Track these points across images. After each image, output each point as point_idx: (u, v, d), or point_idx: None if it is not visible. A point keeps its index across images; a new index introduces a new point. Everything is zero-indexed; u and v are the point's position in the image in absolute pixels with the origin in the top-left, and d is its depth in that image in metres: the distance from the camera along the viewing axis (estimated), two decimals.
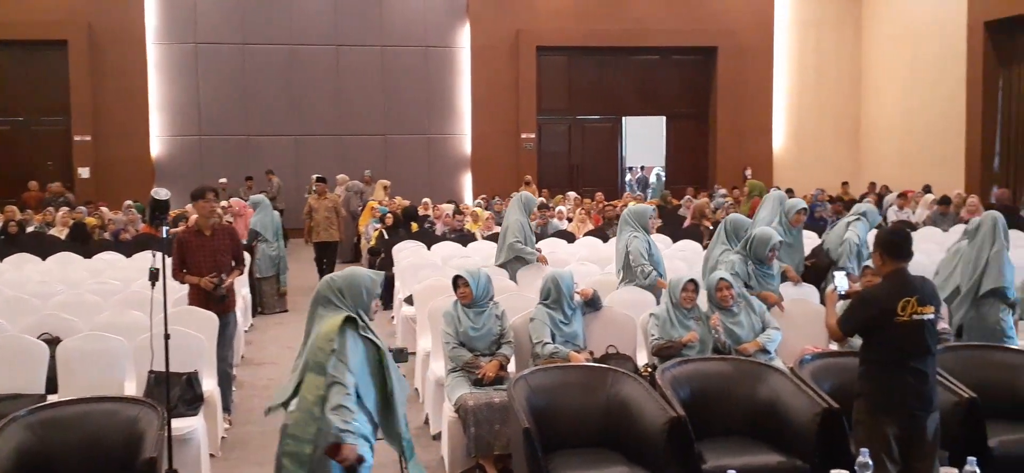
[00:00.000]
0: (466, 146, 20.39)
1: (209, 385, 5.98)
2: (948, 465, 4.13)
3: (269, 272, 11.03)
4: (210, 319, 6.33)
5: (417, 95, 19.94)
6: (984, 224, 6.44)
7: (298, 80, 19.40)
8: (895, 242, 4.35)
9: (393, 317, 9.94)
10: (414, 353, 7.13)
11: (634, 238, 7.11)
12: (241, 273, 6.95)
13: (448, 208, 13.71)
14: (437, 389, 6.07)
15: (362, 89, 19.67)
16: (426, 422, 6.44)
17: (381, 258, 11.73)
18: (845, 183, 19.14)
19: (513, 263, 8.25)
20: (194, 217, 6.85)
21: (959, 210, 12.38)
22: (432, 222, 13.35)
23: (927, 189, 15.84)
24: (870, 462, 3.49)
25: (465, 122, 20.31)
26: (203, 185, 6.87)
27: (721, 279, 5.96)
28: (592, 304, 6.05)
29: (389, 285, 10.75)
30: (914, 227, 12.01)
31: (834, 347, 5.69)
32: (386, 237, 12.09)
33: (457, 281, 5.81)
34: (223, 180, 17.65)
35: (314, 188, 13.03)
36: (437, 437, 6.07)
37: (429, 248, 10.43)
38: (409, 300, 8.35)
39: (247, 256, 10.16)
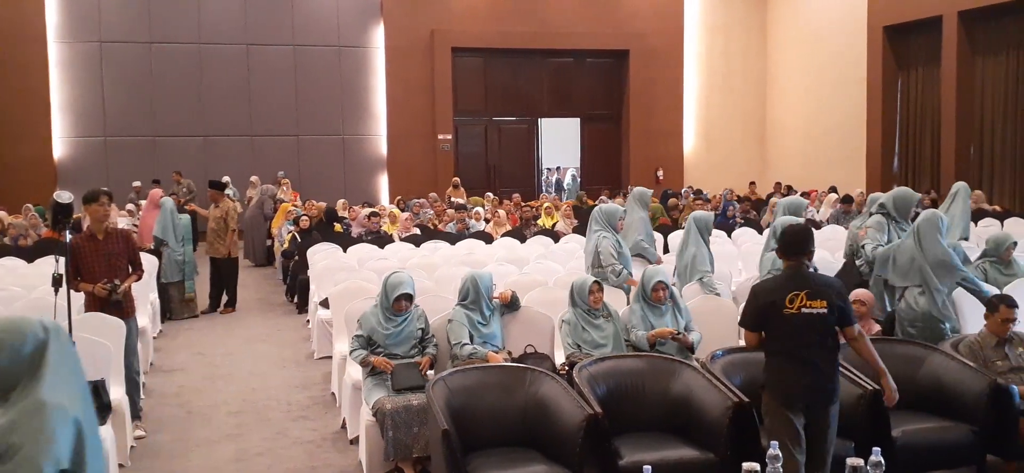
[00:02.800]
0: (382, 147, 20.24)
1: (117, 393, 5.80)
2: (854, 455, 4.27)
3: (174, 277, 10.71)
4: (117, 325, 6.13)
5: (331, 95, 19.71)
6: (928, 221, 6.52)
7: (207, 80, 18.96)
8: (788, 240, 4.49)
9: (308, 321, 9.81)
10: None
11: (603, 238, 7.29)
12: (139, 277, 6.72)
13: (364, 210, 13.58)
14: (354, 393, 6.01)
15: (274, 89, 19.34)
16: (343, 426, 6.37)
17: (295, 261, 11.56)
18: (752, 183, 19.69)
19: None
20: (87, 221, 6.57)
21: (861, 208, 12.84)
22: (348, 224, 13.22)
23: (833, 190, 16.41)
24: (780, 454, 3.60)
25: (380, 123, 20.16)
26: (95, 188, 6.62)
27: (658, 281, 6.04)
28: (511, 305, 6.09)
29: (304, 288, 10.62)
30: (818, 226, 12.42)
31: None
32: (299, 240, 11.92)
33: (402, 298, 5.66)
34: (137, 183, 17.15)
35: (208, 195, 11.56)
36: (354, 442, 6.01)
37: (345, 250, 10.32)
38: (325, 303, 8.25)
39: (154, 260, 9.92)
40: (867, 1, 18.49)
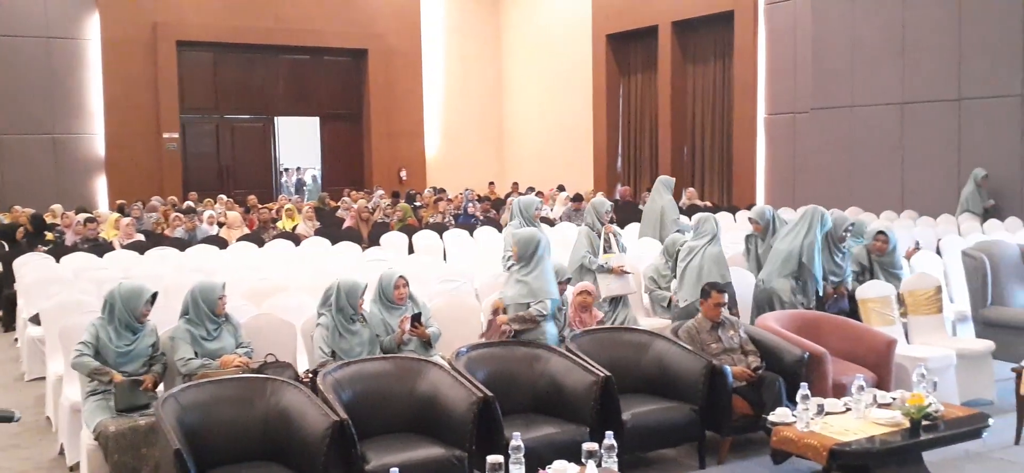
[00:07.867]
0: (99, 147, 18.66)
1: None
2: (588, 440, 4.48)
3: None
4: None
5: (38, 91, 17.86)
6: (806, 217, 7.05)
7: None
8: None
9: (16, 339, 8.88)
10: None
11: (587, 228, 7.60)
12: None
13: (80, 216, 12.44)
14: (73, 416, 5.49)
15: None
16: (61, 453, 5.80)
17: None
18: (491, 183, 20.28)
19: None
20: None
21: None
22: (61, 231, 12.07)
23: (561, 188, 17.26)
24: (522, 445, 3.69)
25: (97, 121, 18.58)
26: None
27: (399, 277, 5.97)
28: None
29: (10, 304, 9.61)
30: (553, 223, 12.98)
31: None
32: (7, 248, 10.76)
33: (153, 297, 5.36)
34: None
35: None
36: (74, 469, 5.49)
37: (58, 260, 9.39)
38: (36, 319, 7.47)
39: None
40: (592, 10, 19.65)
